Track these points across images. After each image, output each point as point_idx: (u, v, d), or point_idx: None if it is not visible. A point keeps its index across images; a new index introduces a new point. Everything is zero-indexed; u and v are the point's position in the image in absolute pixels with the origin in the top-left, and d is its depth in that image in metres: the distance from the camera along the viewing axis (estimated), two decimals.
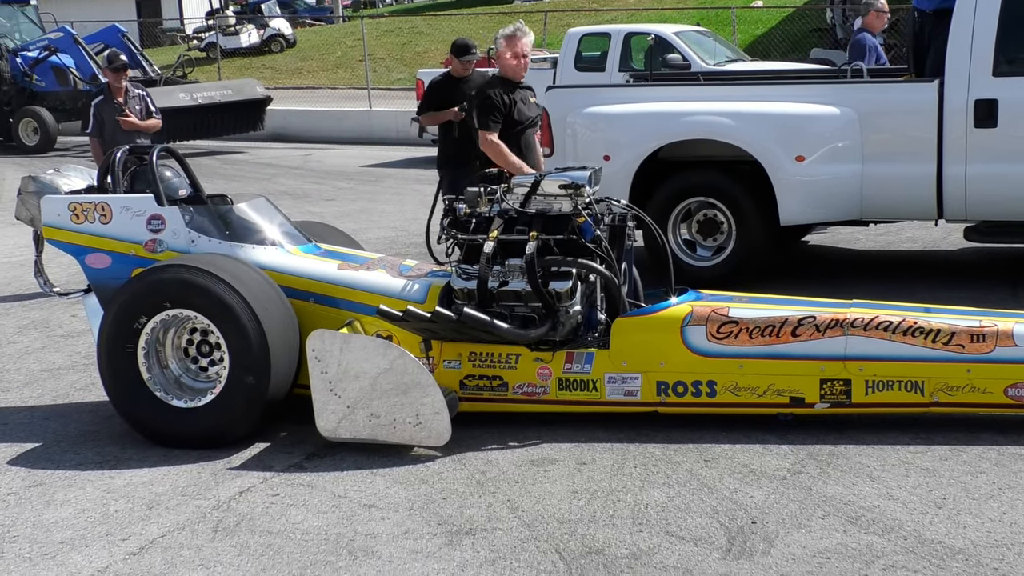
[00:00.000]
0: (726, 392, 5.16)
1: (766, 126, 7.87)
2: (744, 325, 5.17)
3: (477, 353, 5.34)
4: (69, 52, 20.45)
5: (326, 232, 6.39)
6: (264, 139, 21.15)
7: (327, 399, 5.06)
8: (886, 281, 8.24)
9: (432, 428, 5.01)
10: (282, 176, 16.61)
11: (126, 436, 5.44)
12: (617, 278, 5.33)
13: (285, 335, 5.26)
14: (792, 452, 4.92)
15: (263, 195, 6.20)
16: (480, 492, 4.64)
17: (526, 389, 5.30)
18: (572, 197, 5.31)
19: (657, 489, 4.58)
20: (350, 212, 12.64)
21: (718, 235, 8.17)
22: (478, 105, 6.77)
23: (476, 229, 5.40)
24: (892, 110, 7.78)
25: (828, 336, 5.10)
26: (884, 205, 7.88)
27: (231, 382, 5.18)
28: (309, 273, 5.58)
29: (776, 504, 4.39)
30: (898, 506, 4.32)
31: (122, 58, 10.22)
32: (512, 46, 6.71)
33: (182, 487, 4.84)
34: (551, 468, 4.86)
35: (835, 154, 7.78)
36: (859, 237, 9.94)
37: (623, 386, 5.23)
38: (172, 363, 5.41)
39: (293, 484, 4.82)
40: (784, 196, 7.83)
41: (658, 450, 5.00)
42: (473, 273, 5.29)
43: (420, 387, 4.99)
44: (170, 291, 5.24)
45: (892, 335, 5.07)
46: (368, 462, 5.00)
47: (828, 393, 5.08)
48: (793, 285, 7.58)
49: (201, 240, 5.55)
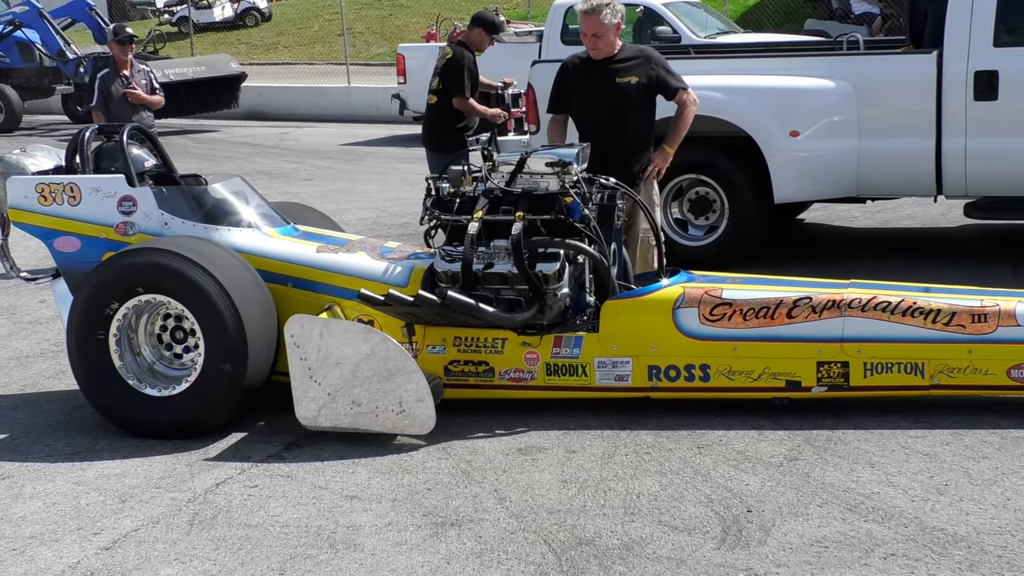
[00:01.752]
0: (720, 376, 5.15)
1: (759, 101, 7.86)
2: (738, 307, 5.16)
3: (462, 338, 5.33)
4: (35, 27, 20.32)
5: (304, 213, 6.37)
6: (239, 117, 21.08)
7: (307, 386, 5.04)
8: (884, 260, 8.26)
9: (416, 416, 4.99)
10: (258, 155, 16.56)
11: (98, 426, 5.41)
12: (606, 259, 5.32)
13: (263, 320, 5.24)
14: (788, 438, 4.92)
15: (238, 175, 6.16)
16: (466, 482, 4.63)
17: (513, 375, 5.29)
18: (559, 175, 5.29)
19: (649, 477, 4.57)
20: (329, 192, 12.60)
21: (710, 214, 8.17)
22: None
23: (460, 209, 5.38)
24: (889, 83, 7.77)
25: (825, 317, 5.10)
26: (881, 181, 7.88)
27: (207, 369, 5.16)
28: (287, 256, 5.56)
29: (772, 492, 4.38)
30: (898, 493, 4.33)
31: (128, 30, 10.20)
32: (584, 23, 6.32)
33: (156, 479, 4.81)
34: (539, 456, 4.85)
35: (830, 129, 7.77)
36: (856, 215, 9.95)
37: (613, 371, 5.22)
38: (145, 350, 5.38)
39: (272, 475, 4.80)
40: (778, 173, 7.82)
41: (650, 437, 5.00)
42: (457, 255, 5.27)
43: (403, 373, 4.97)
44: (142, 275, 5.21)
45: (891, 316, 5.06)
46: (350, 452, 4.99)
47: (825, 376, 5.08)
48: (788, 265, 7.59)
49: (174, 222, 5.52)
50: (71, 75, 20.18)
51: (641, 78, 6.17)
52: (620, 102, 6.16)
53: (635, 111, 6.18)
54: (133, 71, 9.76)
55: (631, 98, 6.16)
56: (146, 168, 5.81)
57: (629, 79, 6.15)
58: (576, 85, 6.22)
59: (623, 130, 6.16)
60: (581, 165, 5.41)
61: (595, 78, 6.16)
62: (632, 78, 6.15)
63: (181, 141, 18.36)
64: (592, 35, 6.10)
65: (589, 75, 6.18)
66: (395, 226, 10.04)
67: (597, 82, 6.16)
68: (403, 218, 10.29)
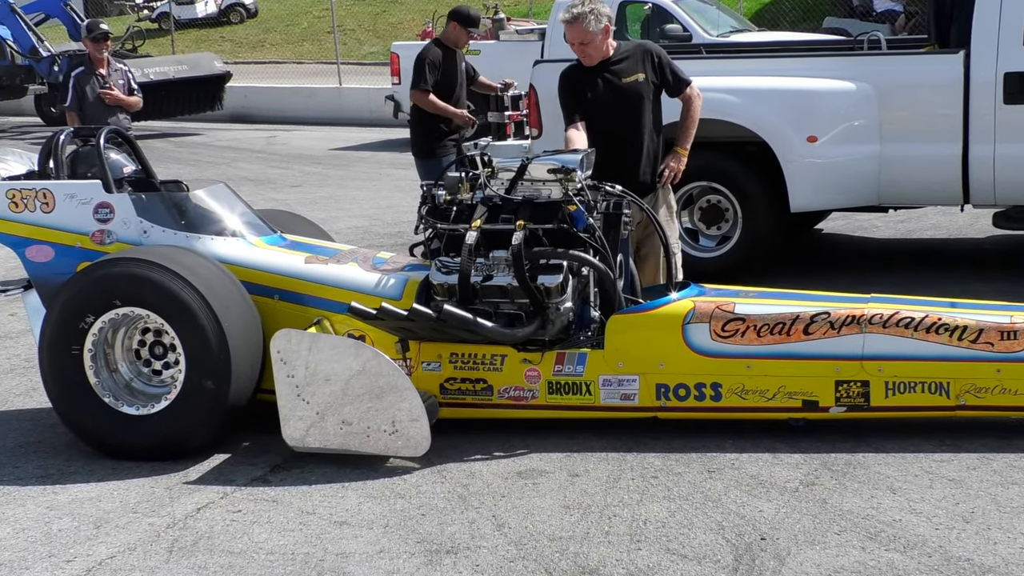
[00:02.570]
0: (732, 395, 5.16)
1: (775, 104, 7.88)
2: (751, 322, 5.17)
3: (459, 354, 5.33)
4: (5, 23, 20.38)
5: (292, 222, 6.38)
6: (223, 120, 21.12)
7: (294, 405, 5.05)
8: (907, 273, 8.26)
9: (409, 437, 5.00)
10: (243, 160, 16.58)
11: (71, 447, 5.42)
12: (612, 271, 5.33)
13: (247, 335, 5.25)
14: (805, 461, 4.93)
15: (222, 181, 6.18)
16: (462, 507, 4.63)
17: (513, 393, 5.30)
18: (562, 182, 5.30)
19: (657, 503, 4.58)
20: (318, 199, 12.61)
21: (722, 223, 8.18)
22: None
23: (457, 218, 5.39)
24: (913, 85, 7.79)
25: (844, 334, 5.11)
26: (904, 189, 7.90)
27: (187, 387, 5.16)
28: (273, 267, 5.57)
29: (787, 519, 4.39)
30: (921, 520, 4.33)
31: (102, 26, 10.22)
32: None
33: (133, 503, 4.82)
34: (540, 480, 4.86)
35: (850, 134, 7.79)
36: (877, 224, 9.96)
37: (619, 389, 5.23)
38: (122, 366, 5.39)
39: (256, 499, 4.81)
40: (795, 180, 7.83)
41: (658, 460, 5.00)
42: (454, 266, 5.28)
43: (396, 392, 4.98)
44: (120, 287, 5.22)
45: (914, 332, 5.07)
46: (339, 475, 4.99)
47: (844, 396, 5.09)
48: (805, 278, 7.60)
49: (154, 231, 5.54)
50: (44, 74, 20.23)
51: (647, 74, 6.19)
52: (632, 103, 6.17)
53: (647, 110, 6.20)
54: (110, 70, 9.78)
55: (643, 97, 6.18)
56: (125, 174, 5.83)
57: (636, 77, 6.17)
58: (582, 93, 6.22)
59: (639, 132, 6.18)
60: (585, 172, 5.42)
61: (600, 83, 6.17)
62: (638, 75, 6.17)
63: (161, 145, 18.38)
64: (579, 44, 6.12)
65: (592, 82, 6.18)
66: (388, 235, 10.06)
67: (603, 87, 6.16)
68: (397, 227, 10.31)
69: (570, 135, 6.05)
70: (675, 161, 6.26)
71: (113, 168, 5.74)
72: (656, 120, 6.26)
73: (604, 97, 6.17)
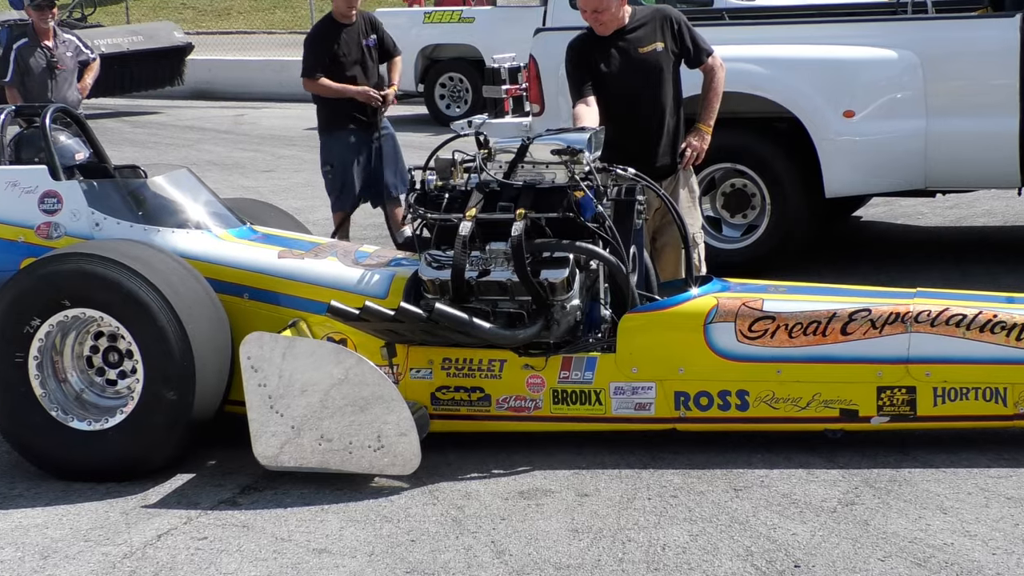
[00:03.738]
0: (761, 404, 5.16)
1: (807, 74, 7.88)
2: (782, 321, 5.17)
3: (452, 360, 5.34)
4: None
5: (263, 211, 6.38)
6: (184, 96, 21.11)
7: (267, 419, 5.05)
8: (958, 264, 8.27)
9: (397, 453, 5.00)
10: (207, 142, 16.58)
11: (14, 467, 5.42)
12: (624, 265, 5.33)
13: (214, 339, 5.25)
14: (843, 478, 4.93)
15: (184, 166, 6.17)
16: (458, 532, 4.63)
17: (513, 403, 5.30)
18: (568, 165, 5.30)
19: (676, 526, 4.58)
20: (293, 186, 12.62)
21: (749, 210, 8.18)
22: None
23: (449, 206, 5.38)
24: (963, 52, 7.80)
25: (887, 334, 5.10)
26: (954, 171, 7.90)
27: (146, 398, 5.16)
28: (243, 262, 5.57)
29: (824, 543, 4.39)
30: (976, 544, 4.33)
31: None
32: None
33: (85, 530, 4.82)
34: (545, 501, 4.86)
35: (892, 108, 7.79)
36: (923, 211, 9.96)
37: (633, 398, 5.23)
38: (72, 376, 5.38)
39: (224, 525, 4.81)
40: (830, 161, 7.83)
41: (677, 477, 5.01)
42: (447, 261, 5.28)
43: (382, 402, 4.98)
44: (69, 286, 5.22)
45: (966, 331, 5.07)
46: (318, 497, 4.99)
47: (888, 404, 5.09)
48: (842, 271, 7.60)
49: (107, 223, 5.54)
50: None
51: (666, 43, 6.18)
52: (650, 75, 6.17)
53: (667, 83, 6.20)
54: (57, 41, 9.77)
55: (662, 68, 6.18)
56: (77, 161, 5.82)
57: (654, 46, 6.16)
58: (594, 66, 6.20)
59: (658, 108, 6.18)
60: (594, 153, 5.41)
61: (614, 55, 6.16)
62: (656, 45, 6.17)
63: (115, 125, 18.39)
64: (592, 12, 6.11)
65: (605, 53, 6.17)
66: (372, 226, 10.05)
67: (617, 59, 6.15)
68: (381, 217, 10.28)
69: (578, 111, 6.04)
70: (697, 140, 6.26)
71: (63, 153, 5.74)
72: (676, 94, 6.26)
73: (618, 70, 6.16)
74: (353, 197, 8.63)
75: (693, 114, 6.33)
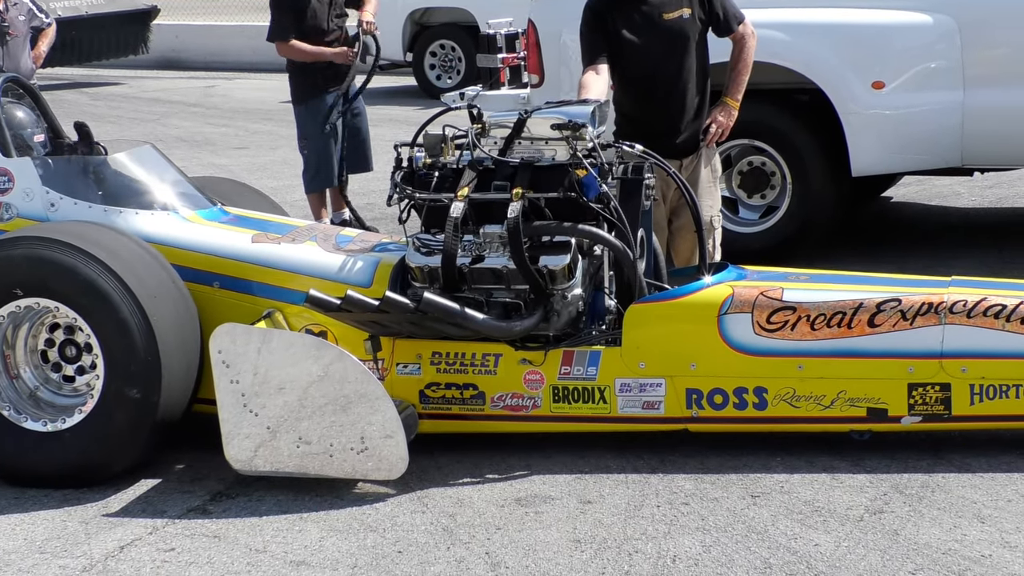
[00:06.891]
0: (780, 403, 5.17)
1: (832, 41, 7.88)
2: (804, 312, 5.18)
3: (443, 354, 5.34)
4: None
5: (236, 192, 6.39)
6: (149, 66, 21.08)
7: (239, 419, 5.05)
8: (998, 250, 8.27)
9: (382, 457, 5.01)
10: (175, 116, 16.57)
11: None
12: (631, 250, 5.33)
13: (181, 332, 5.25)
14: (871, 484, 4.94)
15: (148, 142, 6.18)
16: (449, 542, 4.64)
17: (509, 401, 5.31)
18: (569, 141, 5.30)
19: (688, 536, 4.59)
20: (268, 164, 12.62)
21: (768, 191, 8.19)
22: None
23: (439, 186, 5.39)
24: (1004, 16, 7.79)
25: (918, 326, 5.11)
26: (994, 147, 7.90)
27: (108, 396, 5.17)
28: (213, 248, 5.58)
29: (850, 554, 4.40)
30: (1017, 556, 4.34)
31: None
32: None
33: (41, 541, 4.82)
34: (544, 509, 4.87)
35: (926, 78, 7.79)
36: (960, 191, 9.97)
37: (641, 396, 5.24)
38: (25, 371, 5.39)
39: (194, 535, 4.82)
40: (857, 136, 7.83)
41: (689, 483, 5.02)
42: (437, 246, 5.28)
43: (366, 401, 4.99)
44: (21, 273, 5.22)
45: (1006, 323, 5.07)
46: (296, 504, 5.00)
47: (920, 403, 5.09)
48: (870, 257, 7.61)
49: (64, 203, 5.54)
50: None
51: (693, 8, 6.18)
52: (675, 44, 6.16)
53: (692, 53, 6.19)
54: (8, 4, 9.77)
55: (688, 36, 6.18)
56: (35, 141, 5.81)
57: (680, 12, 6.15)
58: (612, 31, 6.19)
59: (682, 80, 6.17)
60: (598, 128, 5.41)
61: (636, 20, 6.15)
62: (683, 10, 6.15)
63: (73, 97, 18.37)
64: None
65: (626, 17, 6.16)
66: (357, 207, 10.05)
67: (640, 24, 6.14)
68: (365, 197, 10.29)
69: (586, 79, 6.04)
70: (723, 115, 6.26)
71: (15, 127, 5.73)
72: (702, 65, 6.26)
73: (640, 36, 6.16)
74: (331, 174, 8.65)
75: (718, 85, 6.33)
